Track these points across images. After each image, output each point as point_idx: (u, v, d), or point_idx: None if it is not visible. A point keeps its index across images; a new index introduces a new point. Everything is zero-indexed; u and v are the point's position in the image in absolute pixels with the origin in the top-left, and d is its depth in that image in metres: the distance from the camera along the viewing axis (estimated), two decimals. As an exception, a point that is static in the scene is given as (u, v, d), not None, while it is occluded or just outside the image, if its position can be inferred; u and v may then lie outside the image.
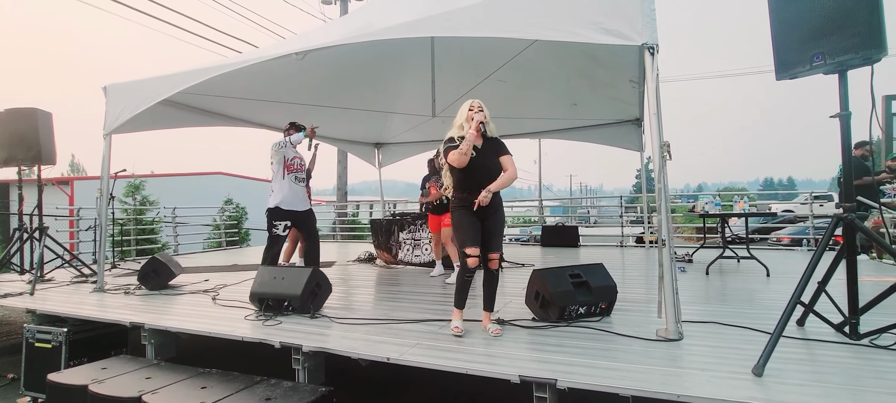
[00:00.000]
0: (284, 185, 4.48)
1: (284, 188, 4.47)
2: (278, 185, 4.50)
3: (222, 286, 4.91)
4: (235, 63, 4.30)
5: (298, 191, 4.58)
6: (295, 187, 4.54)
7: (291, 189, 4.51)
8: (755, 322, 2.96)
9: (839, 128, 2.27)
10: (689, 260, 6.09)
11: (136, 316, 3.69)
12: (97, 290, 4.76)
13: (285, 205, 4.45)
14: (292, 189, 4.52)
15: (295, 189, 4.54)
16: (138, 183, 9.91)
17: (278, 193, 4.48)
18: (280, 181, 4.50)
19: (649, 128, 2.71)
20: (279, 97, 5.98)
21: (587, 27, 2.81)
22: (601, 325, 3.03)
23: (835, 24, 2.13)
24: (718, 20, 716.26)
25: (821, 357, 2.41)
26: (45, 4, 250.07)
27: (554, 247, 8.45)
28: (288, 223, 4.40)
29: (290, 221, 4.43)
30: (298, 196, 4.57)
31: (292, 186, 4.52)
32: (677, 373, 2.24)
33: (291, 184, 4.51)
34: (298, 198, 4.56)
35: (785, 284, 4.44)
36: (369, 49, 4.70)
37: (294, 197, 4.51)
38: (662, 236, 2.68)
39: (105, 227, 4.95)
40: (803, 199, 17.55)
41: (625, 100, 6.15)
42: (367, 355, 2.68)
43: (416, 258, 6.27)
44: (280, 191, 4.47)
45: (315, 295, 3.63)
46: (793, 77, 2.33)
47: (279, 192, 4.47)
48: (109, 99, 4.80)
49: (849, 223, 2.32)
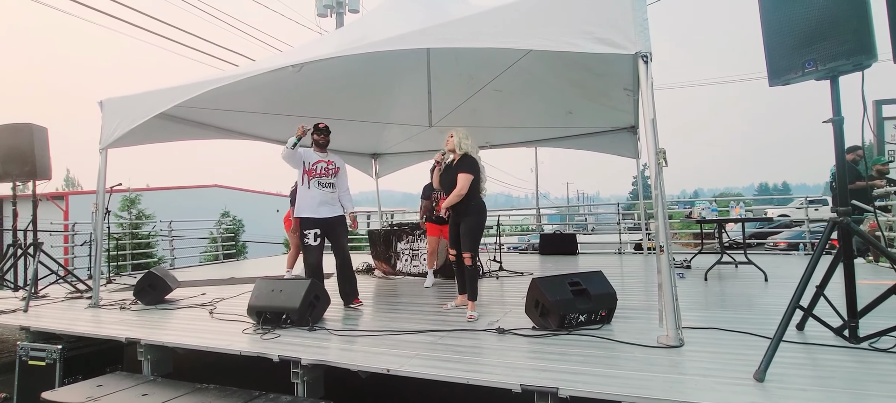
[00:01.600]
0: (305, 192, 4.22)
1: (305, 194, 4.21)
2: (301, 193, 4.25)
3: (219, 299, 4.88)
4: (232, 76, 4.31)
5: (321, 196, 4.20)
6: (317, 192, 4.19)
7: (312, 194, 4.19)
8: (755, 327, 2.96)
9: (832, 134, 2.29)
10: (687, 266, 6.10)
11: (132, 331, 3.65)
12: (92, 306, 4.71)
13: (309, 213, 4.16)
14: (313, 194, 4.19)
15: (316, 194, 4.19)
16: (134, 197, 9.86)
17: (301, 201, 4.23)
18: (302, 188, 4.24)
19: (645, 136, 2.73)
20: (276, 109, 5.99)
21: (581, 37, 2.84)
22: (602, 333, 3.02)
23: (825, 30, 2.16)
24: (712, 28, 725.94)
25: (821, 361, 2.41)
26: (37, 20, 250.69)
27: (552, 255, 8.45)
28: (317, 231, 4.09)
29: (318, 229, 4.11)
30: (323, 201, 4.20)
31: (315, 192, 4.19)
32: (680, 380, 2.24)
33: (315, 190, 4.19)
34: (323, 204, 4.20)
35: (783, 289, 4.46)
36: (366, 60, 4.72)
37: (317, 202, 4.17)
38: (660, 242, 2.69)
39: (101, 242, 4.92)
40: (798, 204, 17.66)
41: (619, 107, 6.21)
42: (367, 367, 2.66)
43: (415, 268, 6.25)
44: (302, 198, 4.22)
45: (313, 308, 3.60)
46: (785, 83, 2.36)
47: (301, 200, 4.23)
48: (105, 113, 4.79)
49: (845, 227, 2.33)
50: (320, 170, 4.25)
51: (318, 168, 4.25)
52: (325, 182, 4.25)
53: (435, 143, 8.35)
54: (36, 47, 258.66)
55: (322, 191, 4.21)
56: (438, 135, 7.72)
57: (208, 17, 11.39)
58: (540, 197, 42.68)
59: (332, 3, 12.16)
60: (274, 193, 22.65)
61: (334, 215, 4.25)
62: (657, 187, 2.68)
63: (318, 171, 4.23)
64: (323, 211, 4.17)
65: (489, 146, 8.67)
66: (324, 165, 4.29)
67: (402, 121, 7.25)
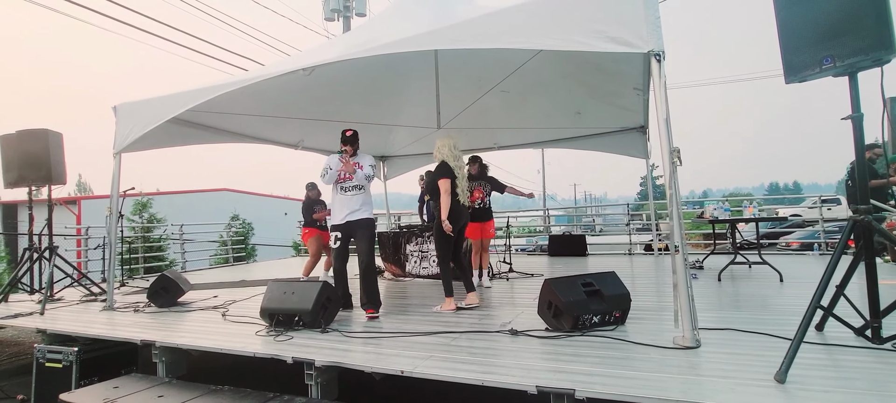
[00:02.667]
0: (332, 200, 4.34)
1: (332, 202, 4.35)
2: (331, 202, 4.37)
3: (231, 302, 4.91)
4: (243, 80, 4.35)
5: (343, 201, 4.21)
6: (340, 198, 4.22)
7: (336, 200, 4.25)
8: (771, 328, 2.92)
9: (852, 131, 2.26)
10: (699, 266, 6.04)
11: (147, 333, 3.68)
12: (107, 309, 4.77)
13: (334, 219, 4.26)
14: (337, 200, 4.25)
15: (339, 200, 4.23)
16: (146, 201, 9.97)
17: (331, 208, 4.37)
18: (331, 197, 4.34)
19: (658, 135, 2.70)
20: (285, 113, 6.03)
21: (593, 36, 2.82)
22: (616, 334, 3.00)
23: (844, 26, 2.13)
24: (720, 27, 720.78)
25: (843, 362, 2.37)
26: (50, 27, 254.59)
27: (562, 257, 8.41)
28: (338, 234, 4.14)
29: (339, 232, 4.15)
30: (344, 205, 4.20)
31: (339, 197, 4.23)
32: (697, 381, 2.21)
33: (338, 196, 4.24)
34: (344, 207, 4.20)
35: (798, 289, 4.40)
36: (374, 63, 4.73)
37: (339, 206, 4.22)
38: (675, 242, 2.66)
39: (115, 246, 4.97)
40: (811, 203, 17.42)
41: (629, 107, 6.16)
42: (381, 369, 2.66)
43: (424, 270, 6.25)
44: (331, 206, 4.38)
45: (325, 310, 3.61)
46: (802, 80, 2.32)
47: (331, 207, 4.37)
48: (119, 118, 4.85)
49: (866, 226, 2.30)
50: (343, 175, 4.21)
51: (343, 174, 4.21)
52: (349, 186, 4.21)
53: (443, 145, 8.36)
54: (45, 51, 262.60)
55: (345, 195, 4.20)
56: (447, 137, 7.73)
57: (217, 22, 11.50)
58: (548, 198, 42.52)
59: (339, 6, 12.21)
60: (281, 197, 22.82)
61: (355, 218, 4.16)
62: (672, 186, 2.65)
63: (343, 176, 4.20)
64: (343, 215, 4.17)
65: (497, 147, 8.66)
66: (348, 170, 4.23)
67: (410, 124, 7.26)
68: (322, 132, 7.25)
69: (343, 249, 4.18)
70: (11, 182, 5.23)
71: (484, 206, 5.26)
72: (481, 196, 5.25)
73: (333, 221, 4.24)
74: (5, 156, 5.24)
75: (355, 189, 4.20)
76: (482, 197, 5.26)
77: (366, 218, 4.21)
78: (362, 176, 4.17)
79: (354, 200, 4.19)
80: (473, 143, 8.65)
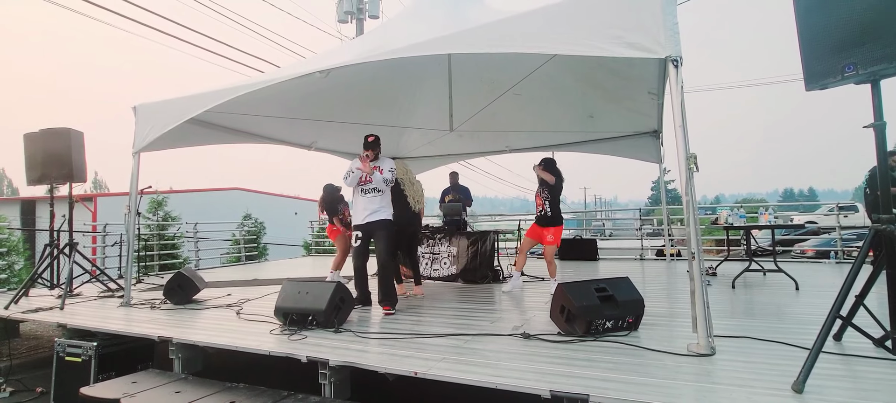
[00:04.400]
0: (354, 201, 4.51)
1: (354, 204, 4.52)
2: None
3: (245, 300, 4.97)
4: (260, 82, 4.41)
5: (363, 203, 4.37)
6: (360, 200, 4.39)
7: (357, 202, 4.43)
8: (787, 336, 2.89)
9: (874, 139, 2.23)
10: (713, 273, 5.98)
11: (164, 330, 3.74)
12: (124, 305, 4.86)
13: (356, 219, 4.43)
14: (358, 202, 4.42)
15: (360, 202, 4.40)
16: (161, 199, 10.13)
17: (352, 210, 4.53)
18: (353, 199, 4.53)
19: (675, 141, 2.69)
20: (300, 114, 6.11)
21: (610, 41, 2.82)
22: (630, 340, 2.99)
23: (867, 33, 2.10)
24: (736, 29, 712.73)
25: (862, 373, 2.34)
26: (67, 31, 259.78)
27: (572, 261, 8.37)
28: (358, 233, 4.34)
29: (360, 232, 4.34)
30: (365, 207, 4.36)
31: (359, 200, 4.40)
32: (712, 389, 2.19)
33: (359, 198, 4.41)
34: (364, 209, 4.36)
35: (815, 298, 4.34)
36: (388, 66, 4.78)
37: (360, 208, 4.39)
38: (692, 249, 2.65)
39: (132, 243, 5.06)
40: (827, 210, 17.12)
41: (643, 111, 6.13)
42: (395, 370, 2.68)
43: (435, 272, 6.27)
44: (352, 208, 4.54)
45: (339, 310, 3.64)
46: (823, 87, 2.30)
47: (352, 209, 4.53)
48: (139, 118, 4.94)
49: (888, 235, 2.26)
50: (363, 178, 4.35)
51: (364, 176, 4.35)
52: (368, 188, 4.37)
53: (455, 148, 8.38)
54: (62, 53, 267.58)
55: (365, 197, 4.37)
56: (458, 140, 7.75)
57: (231, 22, 11.65)
58: (557, 201, 42.14)
59: (352, 9, 12.31)
60: (292, 196, 23.01)
61: (375, 219, 4.32)
62: (688, 193, 2.64)
63: (363, 179, 4.35)
64: (364, 216, 4.34)
65: (509, 150, 8.65)
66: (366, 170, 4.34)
67: (422, 126, 7.30)
68: (335, 133, 7.32)
69: (363, 248, 4.36)
70: (35, 179, 5.36)
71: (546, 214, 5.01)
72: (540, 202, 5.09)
73: (355, 221, 4.42)
74: (29, 154, 5.37)
75: (375, 191, 4.36)
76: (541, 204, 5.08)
77: (384, 219, 4.35)
78: (381, 180, 4.30)
79: (374, 202, 4.35)
80: (485, 146, 8.67)
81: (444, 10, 5.13)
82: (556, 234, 5.00)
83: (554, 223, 4.97)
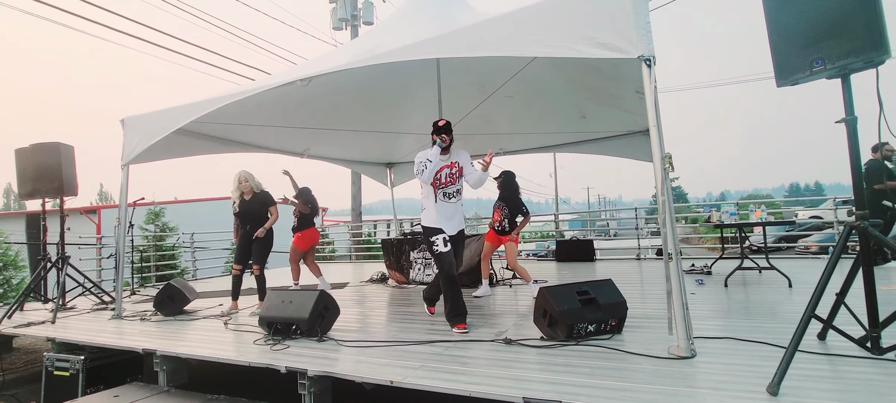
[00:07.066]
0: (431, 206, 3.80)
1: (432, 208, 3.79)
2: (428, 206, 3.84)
3: (235, 310, 4.97)
4: (246, 91, 4.42)
5: (448, 210, 3.79)
6: (444, 206, 3.77)
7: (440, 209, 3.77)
8: (775, 336, 2.84)
9: (846, 134, 2.19)
10: (707, 271, 5.91)
11: (150, 342, 3.75)
12: (115, 317, 4.87)
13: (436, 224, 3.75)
14: (441, 209, 3.77)
15: (444, 208, 3.77)
16: (158, 209, 10.19)
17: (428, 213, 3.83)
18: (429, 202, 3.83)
19: (651, 140, 2.66)
20: (292, 122, 6.11)
21: (584, 42, 2.80)
22: (611, 343, 2.95)
23: (834, 27, 2.07)
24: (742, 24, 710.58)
25: (843, 373, 2.29)
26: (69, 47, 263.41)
27: (569, 262, 8.33)
28: (445, 236, 3.68)
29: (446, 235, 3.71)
30: (450, 215, 3.81)
31: (442, 205, 3.77)
32: (689, 394, 2.16)
33: (442, 204, 3.77)
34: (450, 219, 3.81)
35: (809, 295, 4.26)
36: (378, 71, 4.78)
37: (446, 217, 3.78)
38: (669, 249, 2.61)
39: (123, 255, 5.08)
40: (831, 205, 16.88)
41: (633, 110, 6.07)
42: (372, 378, 2.66)
43: (428, 277, 6.24)
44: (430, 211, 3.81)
45: (323, 318, 3.63)
46: (794, 83, 2.27)
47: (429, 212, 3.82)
48: (127, 130, 4.98)
49: (862, 231, 2.22)
50: (444, 178, 3.73)
51: (443, 176, 3.73)
52: (451, 191, 3.76)
53: (448, 151, 8.37)
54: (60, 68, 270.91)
55: (449, 203, 3.75)
56: (451, 143, 7.74)
57: (227, 34, 11.74)
58: (561, 202, 42.19)
59: (346, 16, 12.37)
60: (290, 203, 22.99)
61: (458, 230, 3.82)
62: (664, 193, 2.61)
63: (444, 181, 3.72)
64: (449, 227, 3.74)
65: (503, 152, 8.62)
66: (447, 171, 3.74)
67: (415, 131, 7.29)
68: (328, 140, 7.33)
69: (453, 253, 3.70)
70: (26, 194, 5.41)
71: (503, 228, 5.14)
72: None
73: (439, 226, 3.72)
74: (20, 168, 5.42)
75: (457, 193, 3.81)
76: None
77: (463, 229, 3.92)
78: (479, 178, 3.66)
79: (458, 207, 3.81)
80: (479, 149, 8.64)
81: (432, 15, 5.14)
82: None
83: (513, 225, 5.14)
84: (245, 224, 4.90)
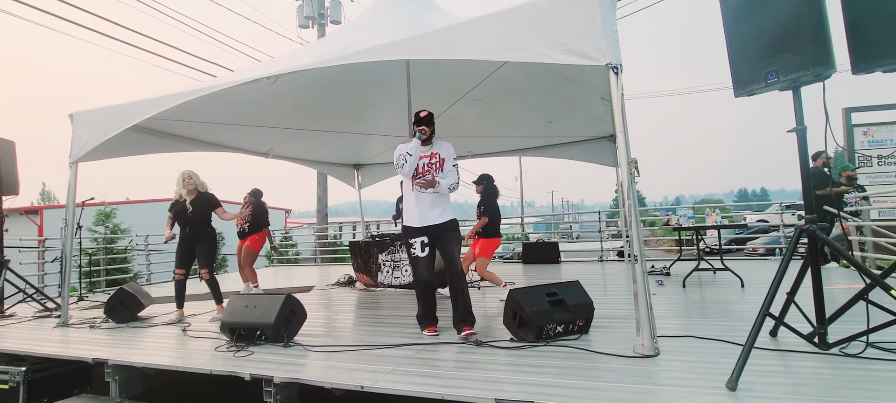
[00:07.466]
0: (408, 198, 3.64)
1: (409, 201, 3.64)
2: (405, 201, 3.72)
3: (192, 316, 4.76)
4: (206, 88, 4.25)
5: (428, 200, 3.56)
6: (423, 196, 3.55)
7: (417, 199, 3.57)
8: (731, 334, 2.99)
9: (796, 143, 2.34)
10: (666, 273, 6.16)
11: (100, 351, 3.52)
12: (61, 325, 4.56)
13: (413, 221, 3.58)
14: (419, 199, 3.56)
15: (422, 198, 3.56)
16: (109, 210, 9.61)
17: (405, 208, 3.70)
18: (406, 195, 3.69)
19: (618, 146, 2.75)
20: (256, 121, 5.93)
21: (553, 49, 2.86)
22: (580, 343, 3.02)
23: (786, 42, 2.21)
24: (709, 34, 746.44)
25: (794, 368, 2.44)
26: (13, 36, 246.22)
27: (535, 264, 8.47)
28: (424, 239, 3.50)
29: (426, 237, 3.52)
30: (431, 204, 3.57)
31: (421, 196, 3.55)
32: (654, 391, 2.23)
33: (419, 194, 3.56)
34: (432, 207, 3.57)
35: (760, 294, 4.45)
36: (347, 71, 4.70)
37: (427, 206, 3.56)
38: (634, 252, 2.70)
39: (70, 259, 4.77)
40: (775, 209, 18.02)
41: (598, 116, 6.27)
42: (341, 384, 2.60)
43: (397, 280, 6.19)
44: (406, 206, 3.68)
45: (289, 323, 3.53)
46: (750, 94, 2.40)
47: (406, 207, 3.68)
48: (76, 126, 4.68)
49: (811, 234, 2.37)
50: (422, 167, 3.56)
51: (421, 166, 3.56)
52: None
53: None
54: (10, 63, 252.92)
55: (425, 194, 3.53)
56: (420, 146, 7.72)
57: (191, 29, 11.28)
58: (526, 205, 42.91)
59: (313, 14, 12.13)
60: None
61: (444, 220, 3.54)
62: (630, 197, 2.69)
63: (421, 170, 3.56)
64: (431, 217, 3.51)
65: (470, 155, 8.68)
66: (425, 162, 3.57)
67: (383, 132, 7.23)
68: (293, 140, 7.15)
69: (432, 257, 3.55)
70: (-40, 193, 4.98)
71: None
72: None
73: (417, 224, 3.54)
74: (-46, 166, 4.99)
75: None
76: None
77: (452, 219, 3.60)
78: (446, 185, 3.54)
79: (442, 197, 3.58)
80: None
81: (403, 15, 5.11)
82: (484, 247, 5.07)
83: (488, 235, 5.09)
84: (185, 226, 4.67)
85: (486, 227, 5.09)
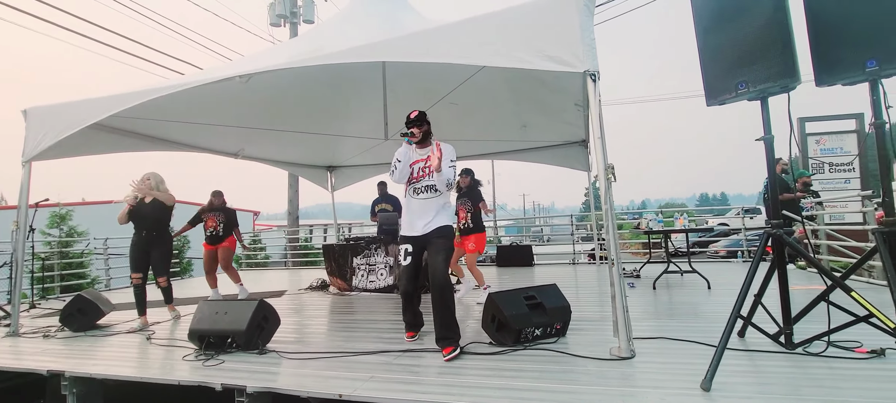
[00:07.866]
0: (404, 206, 3.49)
1: (404, 209, 3.48)
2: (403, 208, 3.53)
3: (156, 323, 4.55)
4: (173, 86, 4.09)
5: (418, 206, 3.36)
6: (414, 203, 3.38)
7: (409, 207, 3.41)
8: (701, 335, 3.08)
9: (764, 150, 2.44)
10: (636, 275, 6.32)
11: (56, 362, 3.32)
12: (11, 335, 4.28)
13: (404, 230, 3.42)
14: (410, 207, 3.40)
15: (413, 205, 3.38)
16: (65, 212, 9.09)
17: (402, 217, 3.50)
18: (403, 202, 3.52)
19: (594, 151, 2.80)
20: (225, 120, 5.74)
21: (533, 54, 2.90)
22: (557, 346, 3.05)
23: (755, 55, 2.31)
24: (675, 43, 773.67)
25: (762, 367, 2.53)
26: None
27: (509, 267, 8.54)
28: (408, 247, 3.33)
29: (410, 245, 3.35)
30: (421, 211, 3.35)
31: (412, 203, 3.39)
32: (632, 393, 2.27)
33: (411, 201, 3.39)
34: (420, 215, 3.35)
35: (726, 296, 4.69)
36: (321, 72, 4.62)
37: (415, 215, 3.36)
38: (611, 255, 2.75)
39: (22, 264, 4.48)
40: (735, 213, 18.88)
41: (571, 122, 6.40)
42: (319, 393, 2.53)
43: (372, 283, 6.11)
44: (402, 215, 3.50)
45: (262, 329, 3.42)
46: (721, 103, 2.49)
47: (402, 216, 3.49)
48: (30, 123, 4.42)
49: (777, 238, 2.48)
50: (417, 172, 3.34)
51: (415, 170, 3.35)
52: (420, 186, 3.34)
53: (391, 156, 8.27)
54: None
55: (416, 199, 3.34)
56: (394, 148, 7.67)
57: (160, 26, 10.84)
58: (499, 208, 43.26)
59: (285, 12, 11.89)
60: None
61: (432, 228, 3.29)
62: (607, 201, 2.75)
63: (415, 175, 3.34)
64: (417, 227, 3.31)
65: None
66: (420, 166, 3.34)
67: (357, 134, 7.14)
68: (264, 140, 6.97)
69: (416, 266, 3.37)
70: None
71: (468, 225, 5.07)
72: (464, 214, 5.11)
73: (407, 232, 3.39)
74: None
75: (430, 190, 3.34)
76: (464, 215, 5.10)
77: (444, 225, 3.33)
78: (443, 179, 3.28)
79: (434, 202, 3.33)
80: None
81: (378, 17, 5.06)
82: (478, 241, 5.11)
83: (476, 231, 5.11)
84: (141, 228, 4.55)
85: (477, 222, 5.10)
